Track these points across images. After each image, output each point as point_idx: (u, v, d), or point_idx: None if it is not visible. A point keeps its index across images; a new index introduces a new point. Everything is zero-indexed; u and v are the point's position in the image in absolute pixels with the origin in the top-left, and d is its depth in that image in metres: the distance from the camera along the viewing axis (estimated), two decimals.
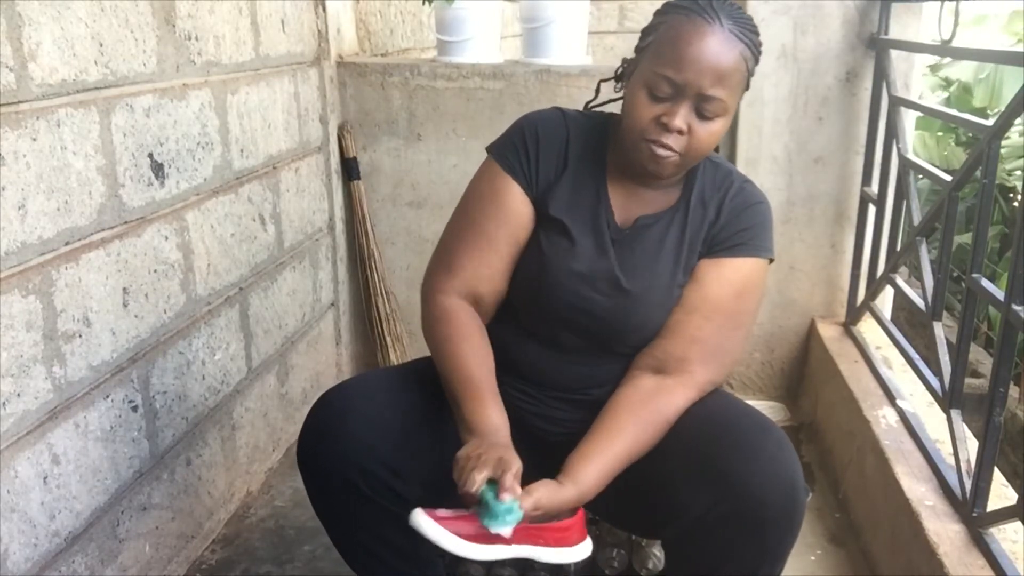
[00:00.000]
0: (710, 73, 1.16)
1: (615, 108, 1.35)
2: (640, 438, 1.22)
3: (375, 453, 1.20)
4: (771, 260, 1.33)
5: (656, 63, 1.19)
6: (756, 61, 1.24)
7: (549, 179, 1.32)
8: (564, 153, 1.32)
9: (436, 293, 1.32)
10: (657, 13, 1.25)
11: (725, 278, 1.29)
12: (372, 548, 1.29)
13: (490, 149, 1.36)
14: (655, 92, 1.19)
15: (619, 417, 1.23)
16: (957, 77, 5.28)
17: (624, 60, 1.32)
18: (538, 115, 1.36)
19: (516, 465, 1.12)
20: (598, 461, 1.19)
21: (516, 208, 1.31)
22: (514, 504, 1.08)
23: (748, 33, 1.20)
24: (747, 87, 1.24)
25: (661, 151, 1.20)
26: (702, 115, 1.19)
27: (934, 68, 5.46)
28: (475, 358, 1.27)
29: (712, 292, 1.28)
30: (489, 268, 1.31)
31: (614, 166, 1.32)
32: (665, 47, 1.19)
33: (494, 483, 1.09)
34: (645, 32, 1.26)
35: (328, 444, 1.22)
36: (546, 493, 1.13)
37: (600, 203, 1.31)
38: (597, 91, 1.42)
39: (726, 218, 1.30)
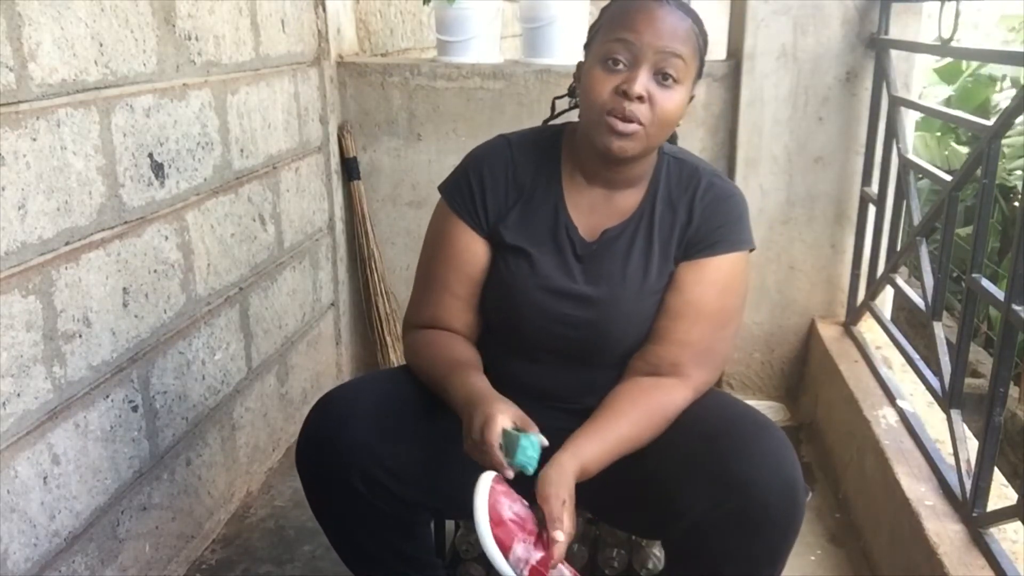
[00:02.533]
0: (666, 31, 1.16)
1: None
2: (641, 425, 1.22)
3: (374, 456, 1.20)
4: (751, 249, 1.31)
5: (609, 34, 1.19)
6: (705, 45, 1.23)
7: (500, 211, 1.30)
8: (512, 181, 1.31)
9: (409, 328, 1.39)
10: (603, 9, 1.26)
11: (707, 279, 1.27)
12: (371, 550, 1.30)
13: (441, 188, 1.36)
14: (611, 61, 1.18)
15: (620, 404, 1.23)
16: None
17: (580, 63, 1.32)
18: (482, 150, 1.35)
19: (511, 411, 1.14)
20: (600, 438, 1.19)
21: (466, 249, 1.31)
22: (531, 438, 1.11)
23: (694, 15, 1.21)
24: (701, 70, 1.24)
25: (624, 126, 1.17)
26: (661, 82, 1.17)
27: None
28: (452, 348, 1.30)
29: (695, 296, 1.26)
30: (449, 309, 1.33)
31: (571, 178, 1.30)
32: (615, 18, 1.20)
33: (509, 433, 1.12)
34: (592, 27, 1.27)
35: (327, 447, 1.21)
36: (559, 482, 1.11)
37: (559, 221, 1.29)
38: (552, 108, 1.42)
39: (699, 218, 1.27)
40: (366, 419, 1.22)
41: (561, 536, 1.07)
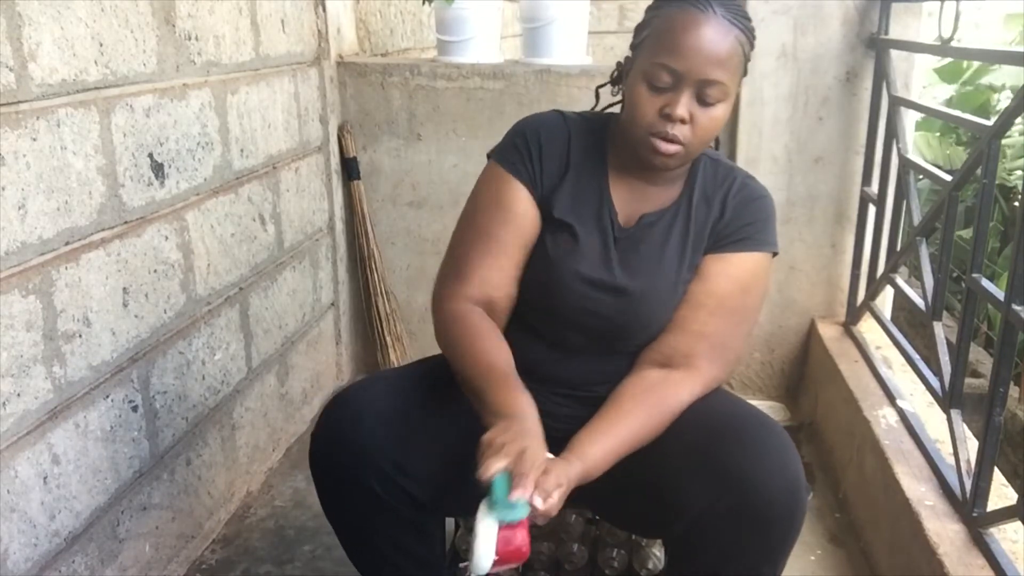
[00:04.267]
0: (709, 58, 1.17)
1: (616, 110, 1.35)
2: (645, 423, 1.21)
3: (390, 456, 1.20)
4: (775, 254, 1.33)
5: (654, 54, 1.20)
6: (751, 46, 1.24)
7: (553, 181, 1.32)
8: (566, 155, 1.32)
9: (446, 300, 1.30)
10: (649, 9, 1.26)
11: (730, 273, 1.29)
12: (383, 551, 1.29)
13: (491, 154, 1.35)
14: (655, 83, 1.19)
15: (624, 402, 1.23)
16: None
17: (619, 63, 1.32)
18: (538, 118, 1.36)
19: (539, 458, 1.08)
20: (604, 440, 1.18)
21: (523, 210, 1.30)
22: (520, 502, 1.05)
23: (741, 19, 1.21)
24: (745, 72, 1.25)
25: (665, 145, 1.20)
26: (703, 101, 1.19)
27: None
28: (494, 351, 1.24)
29: (718, 288, 1.28)
30: (501, 273, 1.30)
31: (615, 165, 1.32)
32: (661, 37, 1.20)
33: (510, 473, 1.05)
34: (639, 28, 1.27)
35: (343, 448, 1.21)
36: (561, 472, 1.09)
37: (603, 203, 1.31)
38: (597, 97, 1.42)
39: (731, 213, 1.30)
40: (382, 420, 1.21)
41: (540, 504, 1.04)
